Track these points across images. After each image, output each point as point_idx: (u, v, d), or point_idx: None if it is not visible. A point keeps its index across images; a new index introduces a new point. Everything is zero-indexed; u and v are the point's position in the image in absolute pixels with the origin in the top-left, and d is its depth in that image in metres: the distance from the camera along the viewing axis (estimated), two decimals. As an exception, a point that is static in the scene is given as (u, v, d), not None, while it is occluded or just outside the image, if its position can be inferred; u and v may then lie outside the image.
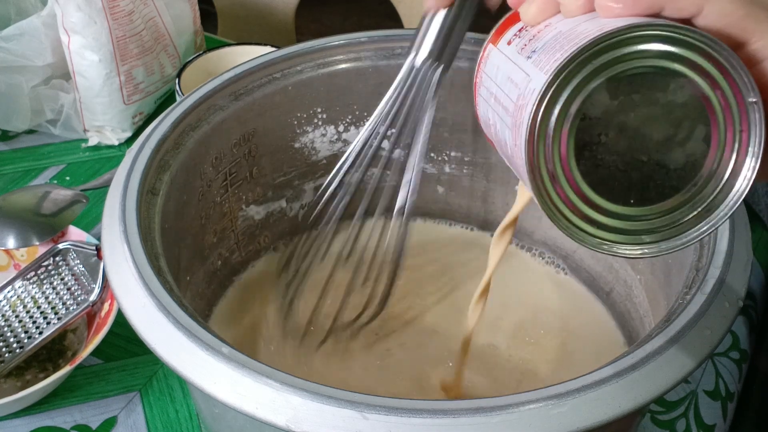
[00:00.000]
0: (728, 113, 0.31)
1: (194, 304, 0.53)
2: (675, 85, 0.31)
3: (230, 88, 0.54)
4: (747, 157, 0.31)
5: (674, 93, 0.31)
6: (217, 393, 0.36)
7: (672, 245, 0.32)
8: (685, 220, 0.32)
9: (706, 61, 0.30)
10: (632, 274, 0.56)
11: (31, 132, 0.80)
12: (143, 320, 0.39)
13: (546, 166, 0.31)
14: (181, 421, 0.55)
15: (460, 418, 0.34)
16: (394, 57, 0.58)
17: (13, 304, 0.58)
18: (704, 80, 0.31)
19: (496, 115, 0.35)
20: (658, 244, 0.32)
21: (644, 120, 0.31)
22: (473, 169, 0.64)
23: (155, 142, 0.49)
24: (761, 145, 0.31)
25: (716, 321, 0.39)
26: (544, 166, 0.31)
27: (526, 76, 0.32)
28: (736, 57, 0.30)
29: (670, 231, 0.32)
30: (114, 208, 0.45)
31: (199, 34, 0.86)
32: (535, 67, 0.32)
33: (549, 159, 0.31)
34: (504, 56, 0.36)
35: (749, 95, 0.31)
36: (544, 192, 0.31)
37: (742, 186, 0.32)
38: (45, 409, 0.56)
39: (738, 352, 0.62)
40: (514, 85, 0.33)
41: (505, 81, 0.34)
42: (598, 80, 0.30)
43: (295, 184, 0.62)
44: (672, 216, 0.32)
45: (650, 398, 0.35)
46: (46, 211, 0.64)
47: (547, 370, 0.56)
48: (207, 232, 0.56)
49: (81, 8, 0.71)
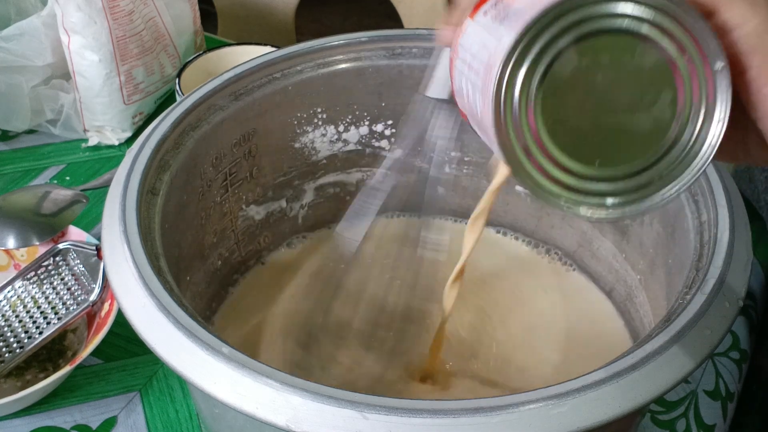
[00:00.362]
0: (695, 79, 0.31)
1: (194, 304, 0.53)
2: (642, 48, 0.31)
3: (230, 88, 0.54)
4: (712, 124, 0.31)
5: (642, 56, 0.31)
6: (217, 393, 0.36)
7: (636, 209, 0.32)
8: (649, 185, 0.32)
9: (674, 25, 0.30)
10: (632, 274, 0.56)
11: (31, 132, 0.80)
12: (143, 320, 0.39)
13: (512, 123, 0.31)
14: (181, 421, 0.55)
15: (460, 418, 0.34)
16: (394, 57, 0.58)
17: (13, 304, 0.58)
18: (672, 44, 0.31)
19: (468, 82, 0.35)
20: (622, 208, 0.32)
21: (612, 82, 0.31)
22: (473, 169, 0.64)
23: (155, 142, 0.49)
24: (726, 112, 0.31)
25: (716, 321, 0.39)
26: (510, 123, 0.31)
27: (497, 39, 0.32)
28: (705, 22, 0.30)
29: (635, 195, 0.32)
30: (114, 208, 0.45)
31: (199, 34, 0.86)
32: (506, 29, 0.32)
33: (515, 117, 0.31)
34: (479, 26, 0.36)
35: (716, 62, 0.31)
36: (509, 147, 0.32)
37: (707, 153, 0.32)
38: (45, 409, 0.56)
39: (738, 352, 0.62)
40: (486, 49, 0.33)
41: (479, 48, 0.35)
42: (566, 38, 0.30)
43: (295, 184, 0.62)
44: (637, 179, 0.32)
45: (650, 398, 0.35)
46: (46, 211, 0.64)
47: (547, 370, 0.56)
48: (207, 232, 0.56)
49: (81, 8, 0.71)
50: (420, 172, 0.65)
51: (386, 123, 0.62)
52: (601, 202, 0.32)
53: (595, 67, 0.31)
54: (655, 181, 0.32)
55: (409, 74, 0.59)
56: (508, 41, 0.30)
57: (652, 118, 0.31)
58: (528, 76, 0.31)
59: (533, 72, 0.31)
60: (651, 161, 0.32)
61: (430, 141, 0.50)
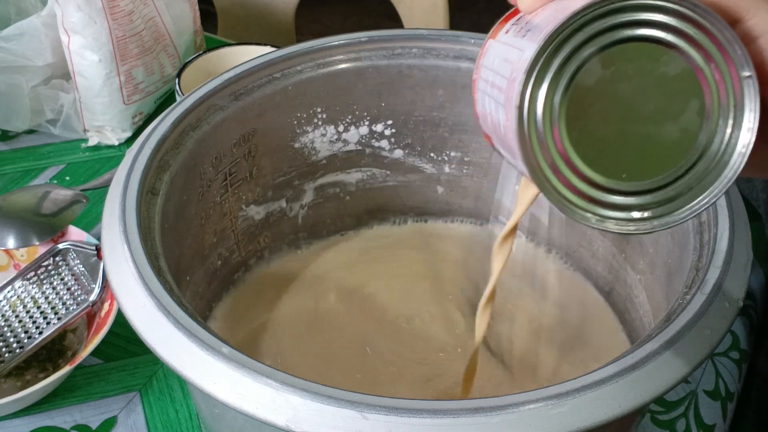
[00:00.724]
0: (722, 87, 0.31)
1: (194, 304, 0.53)
2: (668, 56, 0.30)
3: (230, 88, 0.54)
4: (741, 132, 0.31)
5: (667, 65, 0.30)
6: (217, 393, 0.36)
7: (664, 222, 0.32)
8: (678, 197, 0.32)
9: (700, 34, 0.30)
10: (632, 274, 0.56)
11: (31, 132, 0.80)
12: (143, 320, 0.39)
13: (536, 136, 0.31)
14: (181, 421, 0.55)
15: (460, 418, 0.34)
16: (394, 57, 0.59)
17: (13, 304, 0.58)
18: (698, 53, 0.30)
19: (492, 100, 0.35)
20: (651, 221, 0.32)
21: (637, 92, 0.30)
22: (473, 169, 0.64)
23: (155, 142, 0.49)
24: (756, 120, 0.31)
25: (716, 321, 0.39)
26: (534, 136, 0.31)
27: (519, 51, 0.32)
28: (730, 30, 0.30)
29: (663, 208, 0.32)
30: (114, 208, 0.45)
31: (199, 34, 0.86)
32: (528, 41, 0.31)
33: (539, 129, 0.31)
34: (501, 44, 0.36)
35: (743, 69, 0.30)
36: (534, 161, 0.31)
37: (737, 162, 0.31)
38: (45, 409, 0.56)
39: (738, 352, 0.62)
40: (508, 63, 0.33)
41: (501, 63, 0.34)
42: (590, 48, 0.30)
43: (295, 184, 0.62)
44: (665, 192, 0.31)
45: (650, 398, 0.36)
46: (46, 211, 0.64)
47: (547, 370, 0.56)
48: (207, 232, 0.56)
49: (81, 8, 0.71)
50: (421, 173, 0.65)
51: (386, 123, 0.62)
52: (629, 216, 0.32)
53: (620, 77, 0.30)
54: (684, 194, 0.32)
55: (409, 74, 0.59)
56: (531, 51, 0.30)
57: (679, 129, 0.31)
58: (552, 86, 0.30)
59: (557, 82, 0.30)
60: (679, 173, 0.31)
61: None
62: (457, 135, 0.63)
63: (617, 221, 0.32)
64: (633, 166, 0.31)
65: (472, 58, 0.58)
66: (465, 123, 0.62)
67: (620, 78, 0.30)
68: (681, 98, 0.31)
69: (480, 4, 1.89)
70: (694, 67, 0.30)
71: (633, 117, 0.31)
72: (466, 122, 0.62)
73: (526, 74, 0.30)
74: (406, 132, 0.62)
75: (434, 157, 0.64)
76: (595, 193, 0.31)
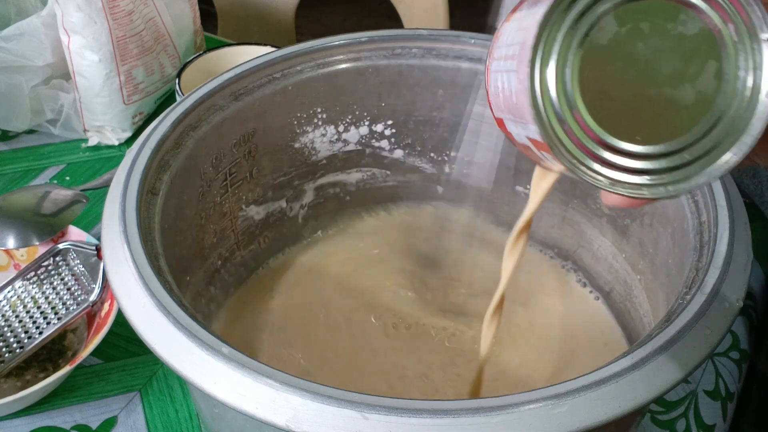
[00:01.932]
0: (741, 49, 0.29)
1: (194, 304, 0.53)
2: (685, 15, 0.29)
3: (230, 88, 0.54)
4: (761, 97, 0.30)
5: (684, 24, 0.29)
6: (217, 393, 0.36)
7: (679, 188, 0.31)
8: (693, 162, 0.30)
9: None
10: (632, 274, 0.56)
11: (31, 132, 0.80)
12: (143, 320, 0.39)
13: (548, 94, 0.30)
14: (181, 421, 0.55)
15: (460, 418, 0.34)
16: (394, 57, 0.58)
17: (13, 304, 0.58)
18: (716, 12, 0.29)
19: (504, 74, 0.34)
20: (665, 187, 0.30)
21: (653, 52, 0.29)
22: (473, 169, 0.64)
23: (155, 142, 0.49)
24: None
25: (716, 321, 0.39)
26: (546, 94, 0.30)
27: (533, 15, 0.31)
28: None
29: (678, 173, 0.31)
30: (114, 208, 0.45)
31: (199, 34, 0.86)
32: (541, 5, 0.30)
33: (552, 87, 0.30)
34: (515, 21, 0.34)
35: (763, 31, 0.29)
36: (546, 121, 0.30)
37: (755, 129, 0.30)
38: (45, 409, 0.56)
39: (738, 352, 0.62)
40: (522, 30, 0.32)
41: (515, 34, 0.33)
42: (605, 4, 0.29)
43: (295, 184, 0.62)
44: (681, 156, 0.30)
45: (650, 398, 0.35)
46: (46, 211, 0.64)
47: (547, 370, 0.56)
48: (207, 232, 0.56)
49: (81, 8, 0.71)
50: (421, 173, 0.65)
51: (386, 123, 0.62)
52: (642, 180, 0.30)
53: (636, 36, 0.29)
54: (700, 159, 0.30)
55: (409, 74, 0.59)
56: (545, 7, 0.29)
57: (696, 92, 0.30)
58: (565, 42, 0.29)
59: (570, 39, 0.29)
60: (695, 137, 0.30)
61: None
62: (457, 135, 0.63)
63: (630, 185, 0.31)
64: (648, 129, 0.30)
65: (472, 58, 0.58)
66: (465, 123, 0.62)
67: (636, 37, 0.29)
68: (698, 60, 0.30)
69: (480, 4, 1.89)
70: (711, 27, 0.29)
71: (649, 78, 0.30)
72: (466, 122, 0.62)
73: (539, 28, 0.29)
74: (406, 132, 0.62)
75: (434, 157, 0.64)
76: (607, 156, 0.30)
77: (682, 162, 0.31)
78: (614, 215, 0.58)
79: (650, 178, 0.31)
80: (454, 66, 0.59)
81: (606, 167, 0.30)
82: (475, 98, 0.60)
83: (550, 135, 0.30)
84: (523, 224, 0.46)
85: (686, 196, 0.48)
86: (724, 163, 0.30)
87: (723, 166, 0.30)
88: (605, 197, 0.33)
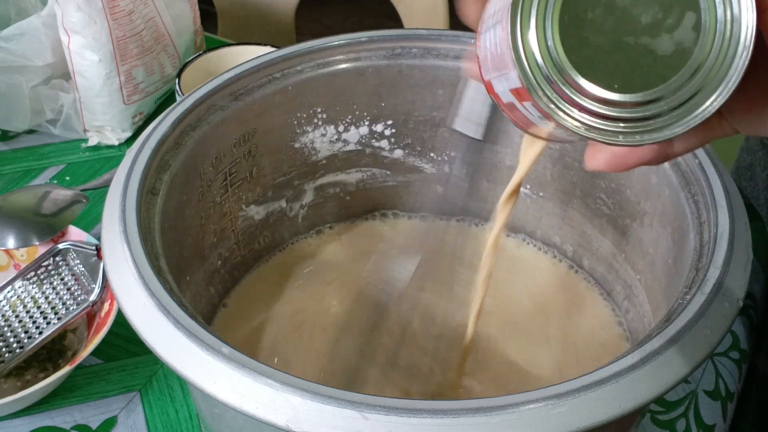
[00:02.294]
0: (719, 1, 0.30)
1: (194, 304, 0.53)
2: None
3: (230, 88, 0.54)
4: (738, 50, 0.30)
5: None
6: (217, 393, 0.36)
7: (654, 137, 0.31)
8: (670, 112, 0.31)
9: None
10: (632, 274, 0.56)
11: (31, 132, 0.80)
12: (143, 320, 0.39)
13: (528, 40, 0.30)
14: (181, 421, 0.55)
15: (460, 418, 0.34)
16: (394, 57, 0.59)
17: (13, 304, 0.58)
18: None
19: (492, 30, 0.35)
20: (641, 135, 0.31)
21: (632, 1, 0.30)
22: (473, 169, 0.64)
23: (155, 142, 0.49)
24: (752, 39, 0.30)
25: (716, 321, 0.39)
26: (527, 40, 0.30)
27: None
28: None
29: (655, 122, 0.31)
30: (114, 208, 0.45)
31: (199, 34, 0.86)
32: None
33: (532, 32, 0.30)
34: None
35: None
36: (526, 66, 0.31)
37: (732, 80, 0.30)
38: (45, 409, 0.56)
39: (738, 352, 0.62)
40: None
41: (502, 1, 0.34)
42: None
43: (295, 184, 0.62)
44: (658, 106, 0.31)
45: (650, 398, 0.36)
46: (46, 211, 0.64)
47: (547, 370, 0.56)
48: (207, 232, 0.56)
49: (81, 8, 0.71)
50: (421, 173, 0.65)
51: (386, 123, 0.62)
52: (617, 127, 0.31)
53: None
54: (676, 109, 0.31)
55: (409, 74, 0.59)
56: None
57: (675, 42, 0.30)
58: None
59: None
60: (673, 87, 0.31)
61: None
62: (457, 135, 0.63)
63: (606, 132, 0.31)
64: (626, 77, 0.31)
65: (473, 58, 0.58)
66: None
67: None
68: (676, 11, 0.30)
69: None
70: None
71: (627, 27, 0.30)
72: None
73: None
74: (406, 132, 0.62)
75: (434, 157, 0.64)
76: (585, 102, 0.31)
77: (659, 111, 0.31)
78: (614, 215, 0.58)
79: (626, 126, 0.31)
80: (454, 66, 0.59)
81: (583, 113, 0.31)
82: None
83: (530, 77, 0.31)
84: (512, 190, 0.47)
85: (686, 195, 0.48)
86: (698, 114, 0.31)
87: (697, 117, 0.31)
88: (588, 160, 0.34)
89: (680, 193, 0.48)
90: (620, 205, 0.57)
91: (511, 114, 0.36)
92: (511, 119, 0.37)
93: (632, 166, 0.33)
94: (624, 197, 0.56)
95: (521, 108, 0.33)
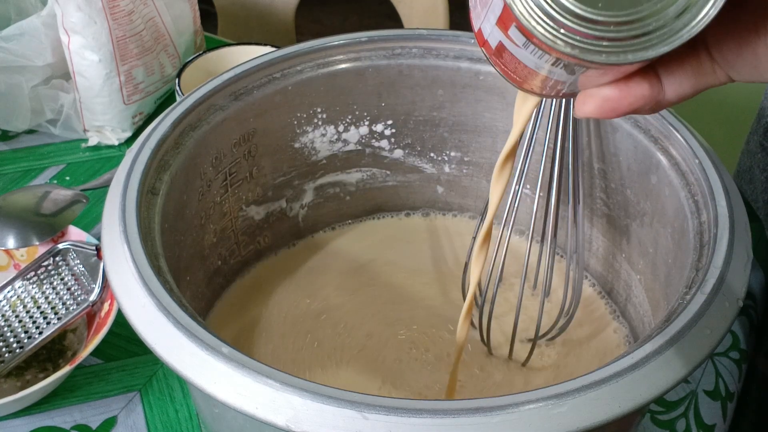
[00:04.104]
0: None
1: (194, 304, 0.53)
2: None
3: (230, 88, 0.54)
4: None
5: None
6: (217, 393, 0.36)
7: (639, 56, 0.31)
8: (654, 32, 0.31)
9: None
10: (632, 274, 0.56)
11: (31, 132, 0.80)
12: (143, 320, 0.39)
13: None
14: (181, 421, 0.55)
15: (460, 418, 0.34)
16: (394, 57, 0.59)
17: (13, 304, 0.58)
18: None
19: None
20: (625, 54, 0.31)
21: None
22: (473, 169, 0.64)
23: (155, 142, 0.49)
24: None
25: (716, 321, 0.39)
26: None
27: None
28: None
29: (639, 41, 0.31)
30: (114, 208, 0.45)
31: (199, 34, 0.86)
32: None
33: None
34: None
35: None
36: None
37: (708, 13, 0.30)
38: (45, 409, 0.56)
39: (738, 352, 0.62)
40: None
41: None
42: None
43: (295, 184, 0.62)
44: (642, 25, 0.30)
45: (650, 398, 0.36)
46: (46, 211, 0.64)
47: (547, 370, 0.56)
48: (207, 232, 0.56)
49: (81, 8, 0.71)
50: (421, 173, 0.65)
51: (386, 123, 0.62)
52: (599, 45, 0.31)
53: None
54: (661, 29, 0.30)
55: (409, 74, 0.59)
56: None
57: None
58: None
59: None
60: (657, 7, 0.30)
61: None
62: (457, 135, 0.63)
63: (587, 50, 0.31)
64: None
65: (472, 58, 0.58)
66: (465, 123, 0.62)
67: None
68: None
69: (480, 4, 1.88)
70: None
71: None
72: (466, 122, 0.62)
73: None
74: (406, 132, 0.62)
75: (434, 157, 0.64)
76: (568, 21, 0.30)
77: (644, 31, 0.31)
78: (614, 215, 0.58)
79: (610, 44, 0.31)
80: (454, 66, 0.59)
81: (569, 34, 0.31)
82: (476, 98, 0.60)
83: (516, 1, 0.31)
84: (508, 150, 0.47)
85: (686, 195, 0.48)
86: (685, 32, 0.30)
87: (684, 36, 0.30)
88: (578, 106, 0.33)
89: (680, 193, 0.48)
90: (620, 205, 0.57)
91: (500, 62, 0.35)
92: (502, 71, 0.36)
93: (624, 113, 0.32)
94: (624, 197, 0.56)
95: (508, 44, 0.33)
